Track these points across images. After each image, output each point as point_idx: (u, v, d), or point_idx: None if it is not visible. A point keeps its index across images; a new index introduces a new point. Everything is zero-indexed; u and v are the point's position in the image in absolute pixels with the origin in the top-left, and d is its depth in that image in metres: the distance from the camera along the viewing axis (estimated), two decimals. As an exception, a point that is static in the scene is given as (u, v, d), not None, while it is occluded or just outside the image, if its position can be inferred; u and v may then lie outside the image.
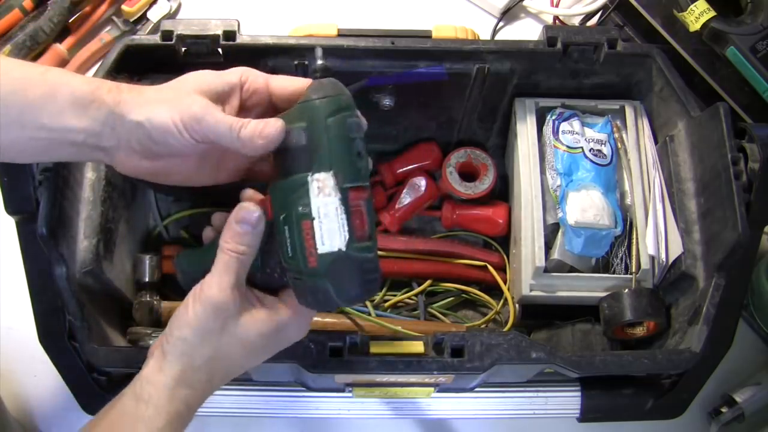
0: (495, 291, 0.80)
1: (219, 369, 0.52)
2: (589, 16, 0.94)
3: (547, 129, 0.76)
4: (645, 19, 0.82)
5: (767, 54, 0.75)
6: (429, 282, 0.80)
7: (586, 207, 0.72)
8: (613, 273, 0.73)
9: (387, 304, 0.80)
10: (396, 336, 0.72)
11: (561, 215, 0.72)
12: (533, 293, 0.73)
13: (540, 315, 0.77)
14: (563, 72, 0.75)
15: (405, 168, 0.84)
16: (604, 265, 0.74)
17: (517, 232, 0.76)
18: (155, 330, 0.70)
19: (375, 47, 0.70)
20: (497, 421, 0.79)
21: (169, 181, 0.55)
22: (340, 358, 0.59)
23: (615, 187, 0.75)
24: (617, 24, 0.86)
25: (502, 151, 0.85)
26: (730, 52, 0.76)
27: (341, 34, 0.71)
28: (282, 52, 0.70)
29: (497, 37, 0.97)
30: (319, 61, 0.51)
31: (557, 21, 0.98)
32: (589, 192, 0.73)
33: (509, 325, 0.77)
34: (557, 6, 0.98)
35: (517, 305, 0.77)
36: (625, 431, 0.72)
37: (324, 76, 0.51)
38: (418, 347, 0.61)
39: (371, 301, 0.79)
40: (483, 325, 0.79)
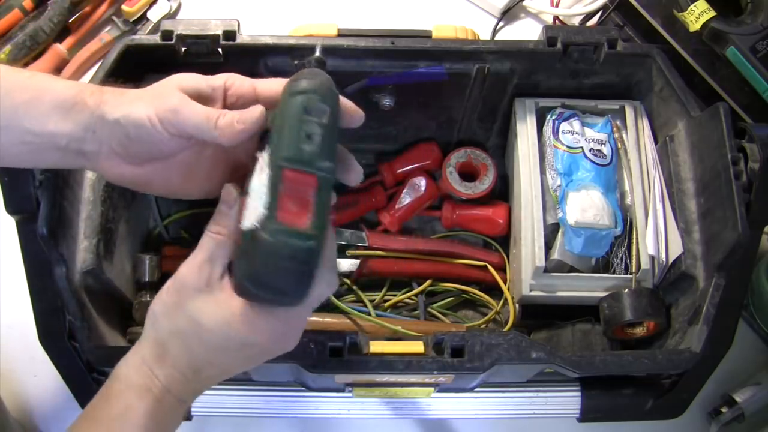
0: (495, 291, 0.80)
1: (179, 352, 0.49)
2: (589, 16, 0.94)
3: (547, 129, 0.76)
4: (645, 19, 0.82)
5: (767, 54, 0.75)
6: (429, 282, 0.80)
7: (586, 207, 0.72)
8: (613, 273, 0.73)
9: (387, 304, 0.80)
10: (396, 336, 0.72)
11: (561, 215, 0.72)
12: (533, 293, 0.73)
13: (540, 315, 0.77)
14: (563, 72, 0.75)
15: (405, 168, 0.84)
16: (604, 265, 0.74)
17: (517, 232, 0.76)
18: (155, 330, 0.70)
19: (375, 47, 0.70)
20: (497, 421, 0.79)
21: (155, 191, 0.55)
22: (340, 358, 0.59)
23: (615, 187, 0.75)
24: (617, 24, 0.86)
25: (502, 151, 0.85)
26: (730, 52, 0.76)
27: (341, 34, 0.71)
28: (282, 52, 0.70)
29: (497, 37, 0.97)
30: (317, 53, 0.50)
31: (557, 21, 0.98)
32: (589, 192, 0.73)
33: (509, 325, 0.77)
34: (557, 6, 0.98)
35: (517, 305, 0.77)
36: (625, 431, 0.72)
37: (319, 65, 0.50)
38: (418, 347, 0.61)
39: (371, 301, 0.79)
40: (483, 325, 0.79)
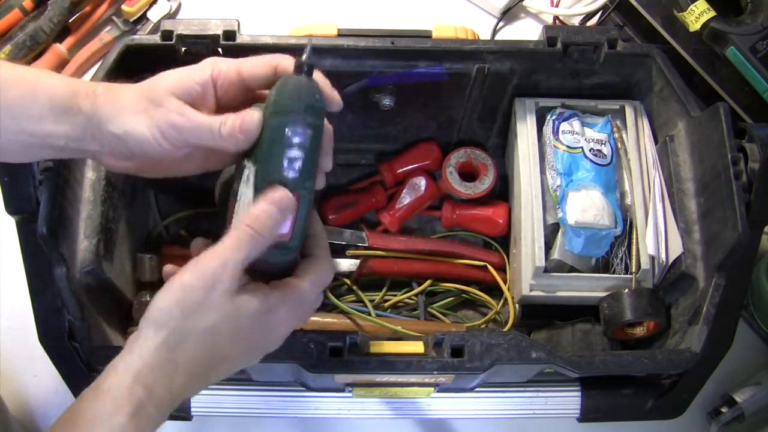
0: (495, 291, 0.80)
1: (202, 350, 0.46)
2: (589, 16, 0.94)
3: (547, 129, 0.76)
4: (645, 19, 0.82)
5: (767, 54, 0.75)
6: (429, 282, 0.80)
7: (586, 207, 0.72)
8: (613, 273, 0.73)
9: (387, 304, 0.80)
10: (396, 336, 0.72)
11: (561, 215, 0.72)
12: (533, 293, 0.73)
13: (540, 315, 0.77)
14: (563, 72, 0.75)
15: (405, 168, 0.84)
16: (604, 265, 0.74)
17: (517, 232, 0.76)
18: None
19: (375, 47, 0.70)
20: (497, 421, 0.79)
21: (159, 175, 0.55)
22: (340, 358, 0.59)
23: (615, 187, 0.75)
24: (617, 24, 0.86)
25: (502, 151, 0.85)
26: (730, 52, 0.76)
27: (341, 34, 0.71)
28: (282, 52, 0.69)
29: (497, 37, 0.97)
30: (304, 57, 0.50)
31: (557, 21, 0.98)
32: (589, 192, 0.73)
33: (509, 325, 0.77)
34: (557, 6, 0.98)
35: (517, 305, 0.77)
36: (625, 431, 0.72)
37: (309, 71, 0.50)
38: (418, 347, 0.61)
39: (371, 301, 0.79)
40: (483, 325, 0.79)
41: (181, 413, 0.67)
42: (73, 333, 0.62)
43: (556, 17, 0.98)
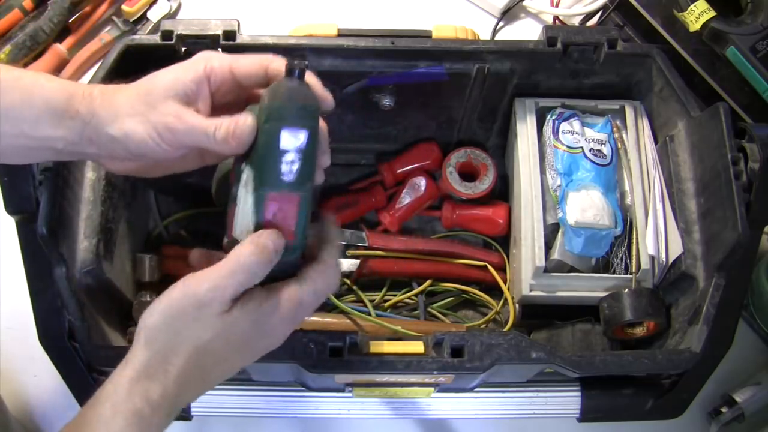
0: (495, 291, 0.80)
1: (195, 361, 0.48)
2: (589, 16, 0.94)
3: (547, 129, 0.76)
4: (645, 19, 0.82)
5: (767, 54, 0.75)
6: (429, 282, 0.80)
7: (586, 207, 0.72)
8: (613, 273, 0.73)
9: (387, 304, 0.80)
10: (396, 336, 0.72)
11: (561, 215, 0.72)
12: (533, 293, 0.73)
13: (540, 315, 0.77)
14: (563, 72, 0.75)
15: (405, 168, 0.84)
16: (604, 265, 0.74)
17: (517, 232, 0.76)
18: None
19: (375, 47, 0.70)
20: (497, 421, 0.79)
21: (157, 174, 0.55)
22: (340, 358, 0.59)
23: (615, 187, 0.75)
24: (617, 24, 0.86)
25: (502, 151, 0.85)
26: (730, 52, 0.76)
27: (341, 34, 0.71)
28: (282, 52, 0.68)
29: (497, 37, 0.97)
30: (296, 60, 0.50)
31: (557, 21, 0.98)
32: (589, 192, 0.73)
33: (509, 325, 0.77)
34: (557, 6, 0.98)
35: (517, 305, 0.77)
36: (625, 431, 0.72)
37: (301, 74, 0.50)
38: (418, 347, 0.61)
39: (371, 301, 0.79)
40: (483, 325, 0.79)
41: (181, 413, 0.67)
42: (73, 333, 0.62)
43: (556, 17, 0.98)
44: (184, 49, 0.69)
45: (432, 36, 0.72)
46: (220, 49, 0.69)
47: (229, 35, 0.69)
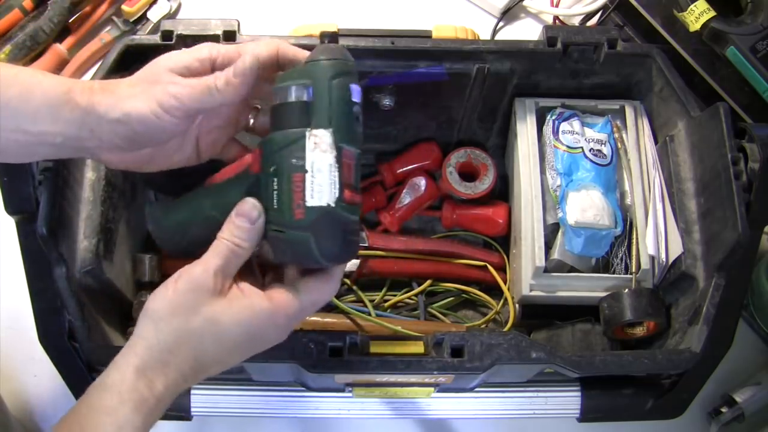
0: (495, 291, 0.80)
1: (188, 353, 0.49)
2: (589, 16, 0.94)
3: (547, 129, 0.76)
4: (645, 19, 0.82)
5: (767, 54, 0.75)
6: (429, 282, 0.80)
7: (586, 207, 0.72)
8: (613, 273, 0.73)
9: (387, 304, 0.80)
10: (396, 336, 0.72)
11: (561, 215, 0.72)
12: (533, 293, 0.73)
13: (540, 315, 0.77)
14: (563, 72, 0.75)
15: (405, 168, 0.84)
16: (604, 265, 0.74)
17: (517, 232, 0.76)
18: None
19: (375, 47, 0.70)
20: (497, 421, 0.79)
21: (155, 168, 0.56)
22: (340, 358, 0.59)
23: (615, 187, 0.75)
24: (617, 24, 0.86)
25: (502, 151, 0.85)
26: (730, 52, 0.76)
27: (341, 34, 0.71)
28: (282, 52, 0.70)
29: (497, 37, 0.97)
30: (331, 29, 0.53)
31: (557, 21, 0.98)
32: (589, 192, 0.73)
33: (509, 325, 0.77)
34: (557, 6, 0.98)
35: (517, 305, 0.77)
36: (625, 431, 0.72)
37: (332, 41, 0.53)
38: (418, 347, 0.61)
39: (371, 301, 0.79)
40: (483, 325, 0.79)
41: (181, 413, 0.67)
42: (73, 333, 0.62)
43: (556, 17, 0.98)
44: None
45: (432, 36, 0.73)
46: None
47: (229, 35, 0.69)
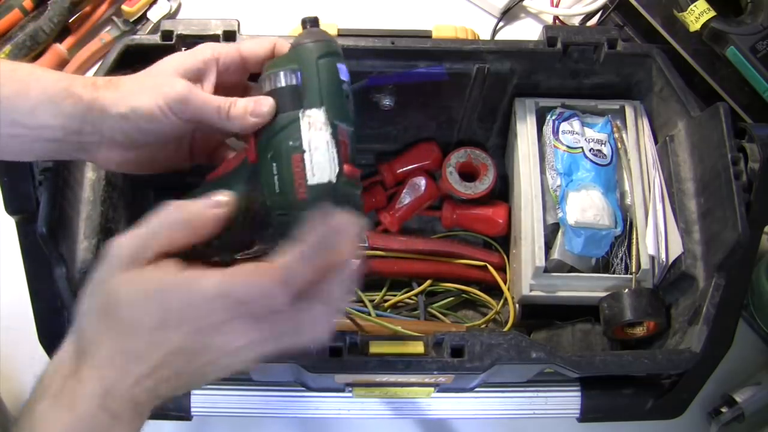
0: (495, 291, 0.80)
1: (108, 336, 0.41)
2: (589, 16, 0.94)
3: (547, 129, 0.76)
4: (645, 19, 0.82)
5: (767, 54, 0.75)
6: (429, 282, 0.80)
7: (586, 207, 0.72)
8: (613, 273, 0.73)
9: (387, 304, 0.80)
10: (396, 336, 0.72)
11: (561, 215, 0.72)
12: (533, 293, 0.73)
13: (540, 315, 0.77)
14: (563, 72, 0.75)
15: (405, 168, 0.84)
16: (604, 265, 0.74)
17: (517, 232, 0.76)
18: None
19: (375, 47, 0.70)
20: (497, 421, 0.79)
21: (151, 171, 0.56)
22: (339, 358, 0.59)
23: (615, 187, 0.75)
24: (617, 24, 0.86)
25: (502, 151, 0.85)
26: (730, 52, 0.76)
27: (341, 34, 0.71)
28: (282, 52, 0.70)
29: (497, 37, 0.97)
30: (312, 15, 0.54)
31: (557, 21, 0.98)
32: (589, 192, 0.73)
33: (509, 325, 0.77)
34: (557, 6, 0.98)
35: (517, 305, 0.77)
36: (625, 431, 0.72)
37: (314, 26, 0.54)
38: (418, 347, 0.61)
39: (371, 301, 0.79)
40: (483, 325, 0.79)
41: (181, 413, 0.67)
42: (73, 333, 0.62)
43: (556, 17, 0.98)
44: (184, 49, 0.69)
45: (432, 36, 0.72)
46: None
47: (229, 35, 0.69)
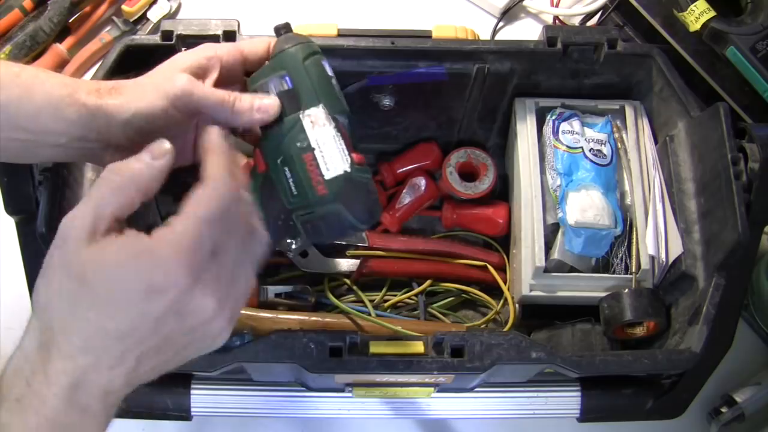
0: (495, 291, 0.80)
1: (69, 321, 0.39)
2: (589, 16, 0.94)
3: (547, 129, 0.76)
4: (645, 19, 0.82)
5: (767, 54, 0.75)
6: (429, 282, 0.80)
7: (586, 207, 0.72)
8: (613, 273, 0.73)
9: (387, 304, 0.80)
10: (396, 336, 0.72)
11: (561, 215, 0.72)
12: (533, 293, 0.73)
13: (540, 315, 0.77)
14: (563, 72, 0.75)
15: (405, 168, 0.84)
16: (604, 265, 0.74)
17: (517, 232, 0.76)
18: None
19: (375, 47, 0.70)
20: (497, 421, 0.79)
21: None
22: (340, 358, 0.59)
23: (615, 187, 0.75)
24: (617, 24, 0.86)
25: (502, 151, 0.85)
26: (730, 52, 0.75)
27: (341, 34, 0.71)
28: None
29: (497, 37, 0.97)
30: (283, 22, 0.55)
31: (557, 21, 0.98)
32: (589, 192, 0.73)
33: (509, 325, 0.77)
34: (557, 6, 0.98)
35: (517, 305, 0.77)
36: (625, 431, 0.72)
37: (288, 32, 0.55)
38: (418, 347, 0.61)
39: (371, 301, 0.79)
40: (483, 325, 0.79)
41: (181, 413, 0.67)
42: (73, 333, 0.62)
43: (556, 17, 0.98)
44: (184, 50, 0.69)
45: (432, 36, 0.72)
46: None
47: (229, 35, 0.69)
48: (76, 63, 0.92)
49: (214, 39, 0.68)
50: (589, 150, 0.74)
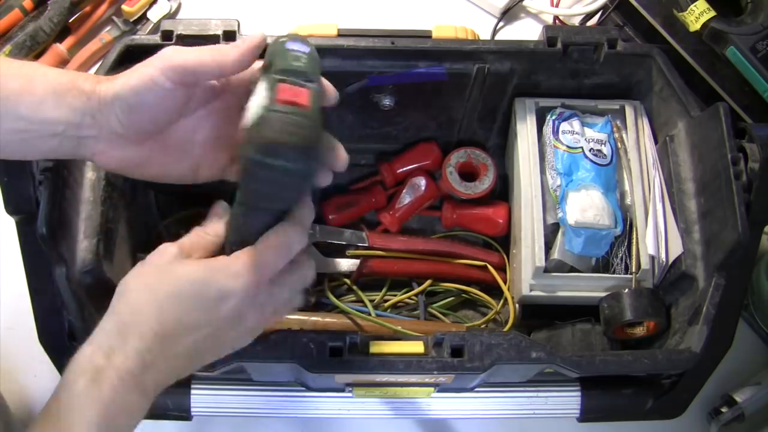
0: (495, 291, 0.80)
1: (148, 315, 0.48)
2: (589, 16, 0.94)
3: (547, 129, 0.76)
4: (645, 19, 0.82)
5: (767, 54, 0.75)
6: (429, 282, 0.80)
7: (586, 207, 0.72)
8: (613, 273, 0.73)
9: (387, 304, 0.80)
10: (396, 336, 0.72)
11: (561, 215, 0.72)
12: (533, 293, 0.73)
13: (540, 315, 0.77)
14: (563, 72, 0.75)
15: (405, 168, 0.84)
16: (604, 265, 0.74)
17: (517, 232, 0.76)
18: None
19: (375, 47, 0.70)
20: (497, 421, 0.79)
21: (151, 174, 0.56)
22: (340, 358, 0.59)
23: (615, 187, 0.75)
24: (617, 24, 0.86)
25: (502, 151, 0.85)
26: (730, 52, 0.76)
27: (341, 34, 0.71)
28: (282, 52, 0.69)
29: (497, 37, 0.97)
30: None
31: (557, 21, 0.98)
32: (589, 192, 0.73)
33: (509, 325, 0.77)
34: (557, 6, 0.98)
35: (517, 305, 0.77)
36: (625, 431, 0.72)
37: None
38: (418, 347, 0.61)
39: (371, 301, 0.79)
40: (483, 325, 0.79)
41: (181, 413, 0.67)
42: (73, 333, 0.62)
43: (556, 17, 0.98)
44: (184, 49, 0.69)
45: (432, 36, 0.72)
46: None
47: (229, 35, 0.69)
48: (76, 63, 0.92)
49: (214, 39, 0.68)
50: (589, 150, 0.74)
